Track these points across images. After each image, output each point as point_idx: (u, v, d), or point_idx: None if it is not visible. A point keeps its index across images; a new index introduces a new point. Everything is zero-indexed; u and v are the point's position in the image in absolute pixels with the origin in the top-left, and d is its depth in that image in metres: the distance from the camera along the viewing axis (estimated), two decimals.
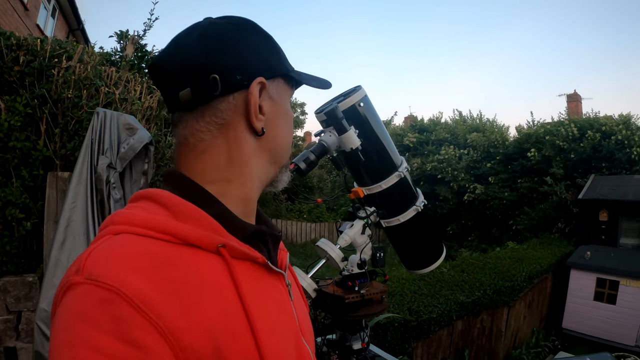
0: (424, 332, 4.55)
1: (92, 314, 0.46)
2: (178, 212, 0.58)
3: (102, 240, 0.55)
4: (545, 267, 7.49)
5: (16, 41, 2.90)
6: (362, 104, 1.51)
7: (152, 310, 0.47)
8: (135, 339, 0.45)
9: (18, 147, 2.72)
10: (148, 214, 0.58)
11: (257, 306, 0.58)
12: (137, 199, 0.63)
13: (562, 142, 10.59)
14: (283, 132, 0.71)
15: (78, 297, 0.48)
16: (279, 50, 0.71)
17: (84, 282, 0.48)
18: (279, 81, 0.69)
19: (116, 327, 0.45)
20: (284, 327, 0.63)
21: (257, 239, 0.67)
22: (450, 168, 12.95)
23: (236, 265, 0.58)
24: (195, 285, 0.53)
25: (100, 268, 0.49)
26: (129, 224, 0.56)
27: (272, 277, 0.66)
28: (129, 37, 5.27)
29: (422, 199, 1.68)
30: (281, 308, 0.65)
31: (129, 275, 0.49)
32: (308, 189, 15.79)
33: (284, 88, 0.71)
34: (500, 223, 11.77)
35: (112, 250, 0.53)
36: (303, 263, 10.65)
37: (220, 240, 0.58)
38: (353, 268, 1.54)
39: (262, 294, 0.61)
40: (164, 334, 0.47)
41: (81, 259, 0.52)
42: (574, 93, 13.84)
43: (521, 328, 7.03)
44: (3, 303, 2.62)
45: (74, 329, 0.46)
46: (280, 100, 0.69)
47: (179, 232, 0.56)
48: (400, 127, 17.62)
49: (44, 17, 10.48)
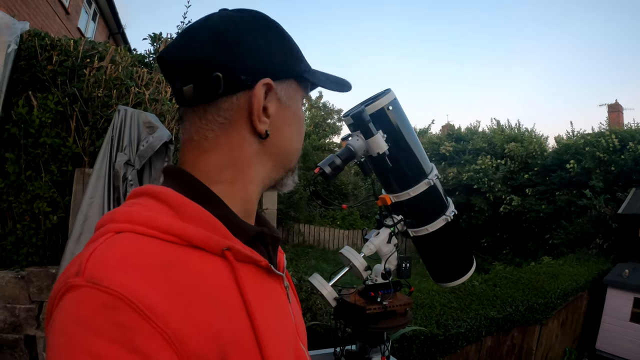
0: (451, 347, 4.44)
1: (94, 319, 0.43)
2: (183, 212, 0.56)
3: (103, 239, 0.52)
4: (581, 284, 7.27)
5: (50, 41, 3.00)
6: (390, 108, 1.44)
7: (159, 318, 0.45)
8: (139, 347, 0.43)
9: (48, 143, 2.80)
10: (151, 213, 0.55)
11: (261, 311, 0.57)
12: (136, 196, 0.60)
13: (603, 153, 10.27)
14: (290, 136, 0.68)
15: (79, 302, 0.45)
16: (293, 49, 0.67)
17: (86, 285, 0.45)
18: (291, 82, 0.66)
19: (119, 334, 0.43)
20: (284, 331, 0.63)
21: (258, 241, 0.65)
22: (487, 178, 12.74)
23: (240, 268, 0.57)
24: (201, 290, 0.51)
25: (102, 270, 0.47)
26: (131, 222, 0.53)
27: (272, 280, 0.65)
28: (162, 39, 5.37)
29: (453, 208, 1.59)
30: (281, 311, 0.65)
31: (133, 280, 0.46)
32: (343, 195, 15.84)
33: (296, 90, 0.67)
34: (536, 237, 11.53)
35: (115, 251, 0.50)
36: (334, 269, 10.72)
37: (225, 243, 0.56)
38: (377, 278, 1.48)
39: (265, 298, 0.60)
40: (171, 342, 0.45)
41: (82, 259, 0.49)
42: (615, 103, 13.50)
43: (553, 347, 6.80)
44: (26, 293, 2.70)
45: (73, 334, 0.43)
46: (290, 102, 0.66)
47: (184, 233, 0.53)
48: (437, 136, 17.64)
49: (85, 21, 10.93)
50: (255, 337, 0.54)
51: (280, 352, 0.58)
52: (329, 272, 1.42)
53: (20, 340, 2.68)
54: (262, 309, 0.57)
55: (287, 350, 0.62)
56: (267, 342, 0.55)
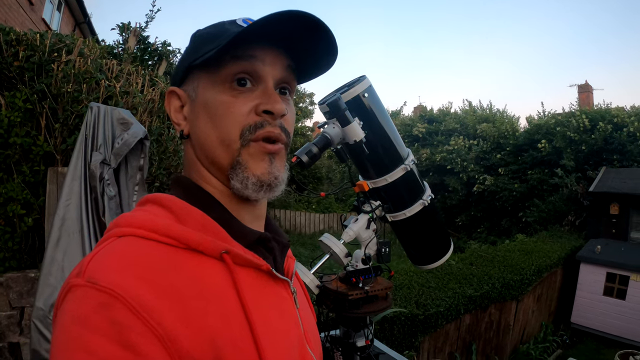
0: (431, 326, 4.55)
1: (91, 318, 0.45)
2: (182, 215, 0.58)
3: (105, 243, 0.55)
4: (555, 260, 7.49)
5: (15, 36, 2.88)
6: (366, 95, 1.45)
7: (152, 316, 0.46)
8: (133, 344, 0.44)
9: (18, 143, 2.72)
10: (151, 216, 0.57)
11: (260, 314, 0.57)
12: (144, 203, 0.62)
13: (573, 133, 10.52)
14: (201, 128, 0.62)
15: (78, 300, 0.47)
16: (198, 44, 0.63)
17: (85, 285, 0.48)
18: (194, 75, 0.63)
19: (114, 332, 0.44)
20: (287, 336, 0.62)
21: (261, 246, 0.65)
22: (460, 159, 12.93)
23: (239, 272, 0.57)
24: (197, 292, 0.52)
25: (101, 271, 0.49)
26: (132, 226, 0.56)
27: (276, 285, 0.64)
28: (131, 29, 5.24)
29: (429, 192, 1.62)
30: (285, 316, 0.63)
31: (129, 280, 0.48)
32: (317, 179, 15.85)
33: (199, 77, 0.63)
34: (509, 215, 11.78)
35: (114, 253, 0.52)
36: (311, 254, 10.65)
37: (223, 246, 0.57)
38: (357, 264, 1.51)
39: (265, 302, 0.60)
40: (163, 341, 0.46)
41: (84, 262, 0.51)
42: (585, 84, 13.77)
43: (529, 322, 7.01)
44: (6, 299, 2.63)
45: (72, 332, 0.45)
46: (197, 93, 0.63)
47: (182, 236, 0.55)
48: (410, 118, 17.67)
49: (50, 11, 10.50)
50: (254, 340, 0.54)
51: (280, 356, 0.58)
52: (306, 257, 1.43)
53: (4, 348, 2.62)
54: (262, 313, 0.57)
55: (290, 355, 0.61)
56: (265, 345, 0.55)
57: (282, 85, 0.64)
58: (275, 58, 0.62)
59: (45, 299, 2.00)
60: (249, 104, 0.60)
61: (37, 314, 1.98)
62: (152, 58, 5.67)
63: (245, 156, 0.60)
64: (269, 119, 0.60)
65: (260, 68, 0.60)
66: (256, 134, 0.60)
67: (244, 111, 0.60)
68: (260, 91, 0.61)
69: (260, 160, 0.60)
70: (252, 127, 0.59)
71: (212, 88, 0.61)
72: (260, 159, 0.60)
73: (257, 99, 0.60)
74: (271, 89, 0.61)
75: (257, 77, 0.61)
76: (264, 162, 0.61)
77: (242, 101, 0.60)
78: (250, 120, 0.60)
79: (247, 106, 0.60)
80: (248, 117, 0.60)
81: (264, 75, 0.61)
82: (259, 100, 0.60)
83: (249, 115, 0.60)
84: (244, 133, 0.59)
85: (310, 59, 0.66)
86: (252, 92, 0.61)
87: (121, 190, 2.25)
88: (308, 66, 0.68)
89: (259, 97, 0.61)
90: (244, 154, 0.60)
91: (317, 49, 0.64)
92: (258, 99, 0.60)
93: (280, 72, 0.63)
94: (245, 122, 0.59)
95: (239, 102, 0.60)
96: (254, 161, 0.60)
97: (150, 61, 5.64)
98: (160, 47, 5.67)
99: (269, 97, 0.60)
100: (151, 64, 5.61)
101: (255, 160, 0.60)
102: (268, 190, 0.61)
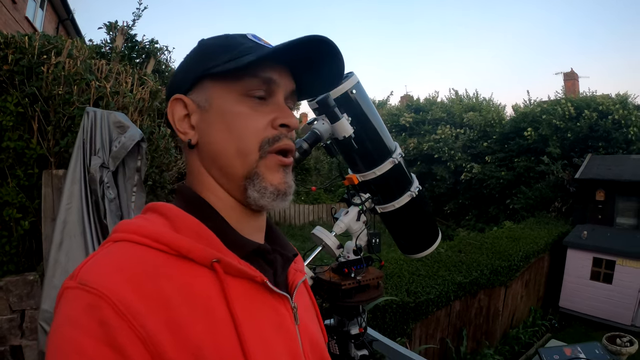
0: (422, 313, 4.62)
1: (81, 318, 0.48)
2: (177, 223, 0.59)
3: (102, 247, 0.58)
4: (542, 246, 7.57)
5: (4, 39, 2.86)
6: (354, 91, 1.49)
7: (136, 319, 0.48)
8: (118, 343, 0.47)
9: (12, 147, 2.71)
10: (146, 223, 0.59)
11: (251, 326, 0.57)
12: (145, 211, 0.65)
13: (559, 121, 10.60)
14: (216, 138, 0.63)
15: (69, 302, 0.50)
16: (209, 53, 0.64)
17: (76, 287, 0.50)
18: (203, 84, 0.64)
19: (101, 332, 0.47)
20: (280, 351, 0.60)
21: (261, 258, 0.65)
22: (447, 147, 13.01)
23: (230, 282, 0.57)
24: (184, 299, 0.52)
25: (91, 274, 0.51)
26: (127, 232, 0.57)
27: (273, 299, 0.63)
28: (118, 27, 5.20)
29: (417, 184, 1.67)
30: (281, 331, 0.62)
31: (117, 282, 0.50)
32: (305, 170, 15.77)
33: (212, 86, 0.63)
34: (497, 202, 11.88)
35: (106, 257, 0.54)
36: (302, 245, 10.68)
37: (214, 254, 0.57)
38: (349, 255, 1.54)
39: (257, 315, 0.59)
40: (146, 344, 0.48)
41: (79, 266, 0.54)
42: (570, 71, 13.82)
43: (518, 307, 7.12)
44: (6, 302, 2.64)
45: (64, 333, 0.48)
46: (209, 103, 0.63)
47: (174, 242, 0.56)
48: (397, 107, 17.62)
49: (33, 9, 10.29)
50: (242, 353, 0.54)
51: None
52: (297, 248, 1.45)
53: (6, 351, 2.62)
54: (254, 325, 0.57)
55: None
56: (255, 358, 0.54)
57: (288, 100, 0.67)
58: (285, 73, 0.66)
59: (51, 301, 2.03)
60: (267, 117, 0.63)
61: (43, 316, 2.01)
62: (140, 56, 5.63)
63: (262, 168, 0.62)
64: (285, 132, 0.64)
65: (275, 83, 0.64)
66: (274, 146, 0.62)
67: (262, 124, 0.62)
68: (273, 105, 0.64)
69: (276, 171, 0.63)
70: (271, 139, 0.62)
71: (230, 99, 0.62)
72: (276, 170, 0.63)
73: (272, 112, 0.64)
74: (283, 103, 0.65)
75: (271, 91, 0.64)
76: (279, 172, 0.64)
77: (260, 114, 0.63)
78: (269, 133, 0.63)
79: (265, 119, 0.63)
80: (266, 130, 0.62)
81: (277, 90, 0.64)
82: (275, 114, 0.64)
83: (266, 129, 0.63)
84: (263, 145, 0.62)
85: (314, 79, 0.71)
86: (267, 106, 0.64)
87: (120, 192, 2.28)
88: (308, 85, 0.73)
89: (275, 111, 0.64)
90: (261, 165, 0.62)
91: (320, 72, 0.70)
92: (274, 113, 0.64)
93: (290, 87, 0.67)
94: (263, 134, 0.62)
95: (258, 114, 0.62)
96: (270, 172, 0.63)
97: (138, 59, 5.61)
98: (147, 45, 5.63)
99: (282, 111, 0.64)
100: (139, 62, 5.58)
101: (271, 171, 0.63)
102: (283, 198, 0.63)
